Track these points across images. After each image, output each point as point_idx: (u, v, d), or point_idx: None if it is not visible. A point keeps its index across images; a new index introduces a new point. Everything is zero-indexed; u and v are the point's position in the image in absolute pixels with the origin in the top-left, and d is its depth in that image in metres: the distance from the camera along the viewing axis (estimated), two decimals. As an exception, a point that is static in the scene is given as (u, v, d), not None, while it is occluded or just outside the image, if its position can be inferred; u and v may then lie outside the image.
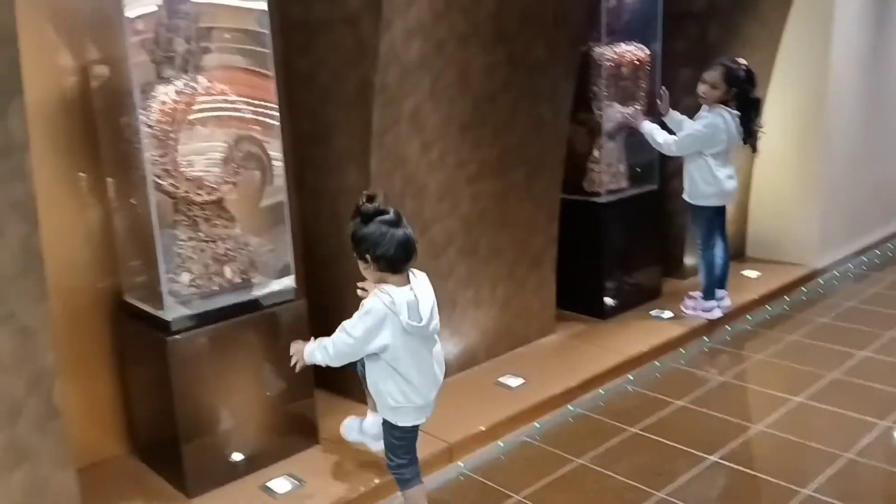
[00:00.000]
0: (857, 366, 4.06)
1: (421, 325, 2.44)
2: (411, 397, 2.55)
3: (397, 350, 2.48)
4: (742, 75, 4.17)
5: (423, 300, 2.47)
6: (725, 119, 4.19)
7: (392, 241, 2.41)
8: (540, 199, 4.02)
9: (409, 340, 2.47)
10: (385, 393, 2.56)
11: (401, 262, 2.45)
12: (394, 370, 2.52)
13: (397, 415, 2.59)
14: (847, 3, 5.24)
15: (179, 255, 2.91)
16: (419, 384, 2.55)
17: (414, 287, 2.49)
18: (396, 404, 2.56)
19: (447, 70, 3.37)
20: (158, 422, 2.98)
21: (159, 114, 2.71)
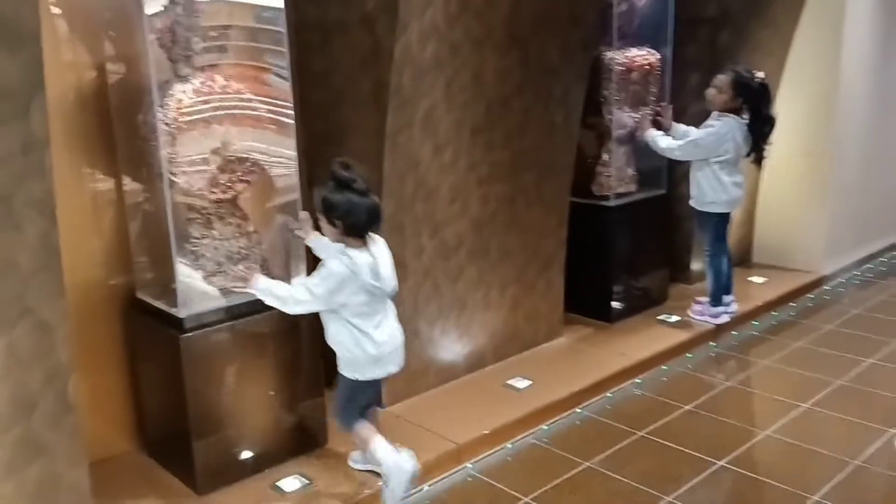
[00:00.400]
0: (863, 373, 4.07)
1: (379, 284, 2.68)
2: (368, 349, 2.77)
3: (357, 307, 2.71)
4: (753, 85, 4.15)
5: (381, 262, 2.70)
6: (731, 128, 4.18)
7: (362, 210, 2.64)
8: (550, 202, 4.03)
9: (368, 299, 2.71)
10: (343, 346, 2.79)
11: (367, 229, 2.70)
12: (352, 326, 2.74)
13: (354, 368, 2.81)
14: (857, 9, 5.24)
15: (193, 253, 2.92)
16: (377, 338, 2.77)
17: (372, 249, 2.70)
18: (352, 356, 2.78)
19: (461, 73, 3.39)
20: (169, 419, 3.00)
21: (176, 111, 2.72)
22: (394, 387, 3.58)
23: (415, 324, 3.60)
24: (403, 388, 3.63)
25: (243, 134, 2.90)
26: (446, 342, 3.76)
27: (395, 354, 2.88)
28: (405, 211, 3.40)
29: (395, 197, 3.33)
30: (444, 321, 3.72)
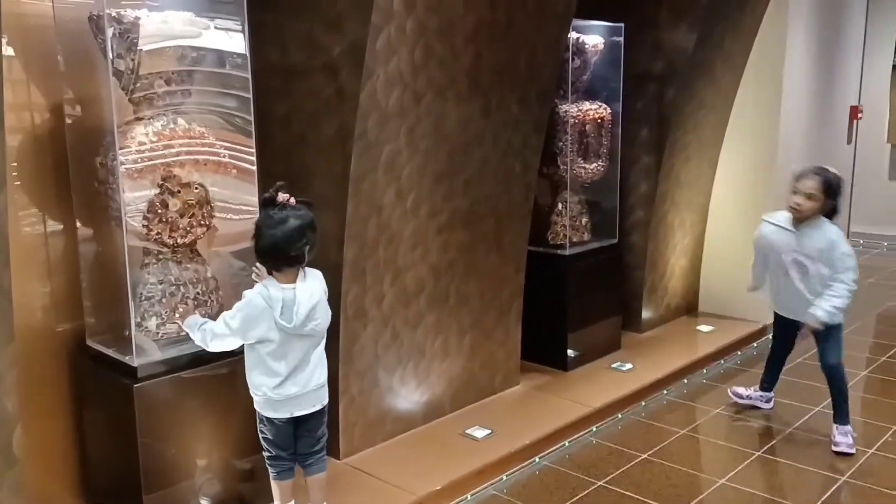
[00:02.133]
0: (810, 420, 4.16)
1: (290, 325, 2.58)
2: (274, 391, 2.66)
3: (272, 344, 2.61)
4: (839, 186, 3.77)
5: (301, 300, 2.59)
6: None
7: (266, 239, 2.55)
8: (508, 250, 4.06)
9: (284, 336, 2.61)
10: (253, 383, 2.71)
11: (274, 262, 2.60)
12: (263, 362, 2.64)
13: (263, 406, 2.72)
14: (795, 71, 5.52)
15: (149, 299, 2.83)
16: (286, 380, 2.65)
17: (297, 286, 2.61)
18: (261, 396, 2.69)
19: (424, 120, 3.42)
20: (119, 471, 2.85)
21: (136, 154, 2.66)
22: (350, 437, 3.50)
23: (374, 372, 3.55)
24: (360, 439, 3.55)
25: (205, 178, 2.85)
26: (405, 391, 3.71)
27: (303, 398, 2.70)
28: (367, 256, 3.37)
29: (357, 241, 3.31)
30: (403, 370, 3.68)
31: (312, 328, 2.63)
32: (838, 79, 6.17)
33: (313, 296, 2.63)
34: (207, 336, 2.67)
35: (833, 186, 3.72)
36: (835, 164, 6.28)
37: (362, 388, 3.51)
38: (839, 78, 6.18)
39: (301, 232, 2.56)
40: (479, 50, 3.53)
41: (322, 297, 2.69)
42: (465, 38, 3.45)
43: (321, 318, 2.66)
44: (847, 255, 3.66)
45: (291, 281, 2.62)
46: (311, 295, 2.63)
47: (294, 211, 2.57)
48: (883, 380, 4.82)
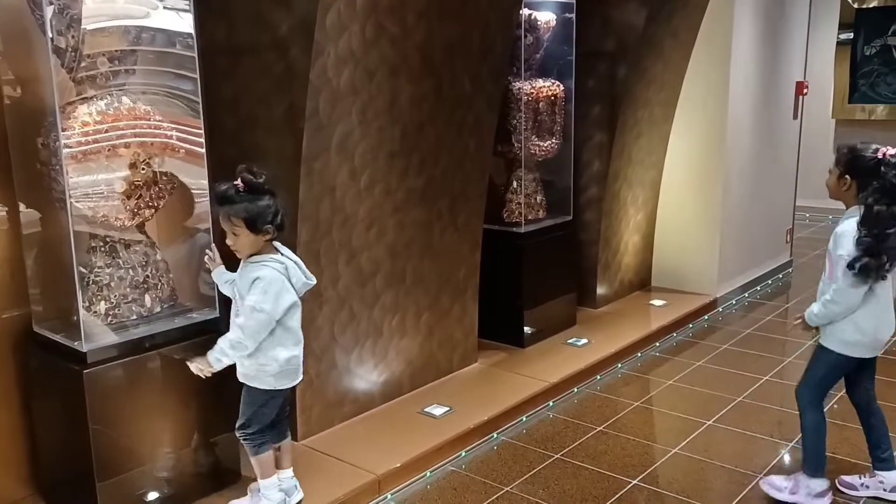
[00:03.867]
0: (758, 389, 4.28)
1: (311, 281, 2.74)
2: (291, 362, 2.75)
3: (298, 309, 2.73)
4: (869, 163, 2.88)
5: (297, 262, 2.73)
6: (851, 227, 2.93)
7: (280, 212, 2.65)
8: (463, 229, 4.06)
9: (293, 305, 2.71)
10: (277, 360, 2.72)
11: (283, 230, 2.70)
12: (288, 332, 2.72)
13: (276, 379, 2.75)
14: (743, 45, 5.60)
15: (96, 283, 2.77)
16: (301, 343, 2.80)
17: (284, 252, 2.73)
18: (275, 370, 2.72)
19: (377, 98, 3.39)
20: (71, 460, 2.80)
21: (80, 134, 2.59)
22: (308, 419, 3.49)
23: (331, 353, 3.53)
24: (319, 421, 3.54)
25: (152, 158, 2.79)
26: (362, 371, 3.71)
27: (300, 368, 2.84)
28: (322, 237, 3.34)
29: (311, 223, 3.28)
30: (361, 349, 3.67)
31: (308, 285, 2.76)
32: (784, 55, 6.28)
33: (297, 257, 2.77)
34: (242, 341, 2.63)
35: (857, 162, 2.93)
36: (781, 139, 6.46)
37: (320, 370, 3.49)
38: (785, 54, 6.29)
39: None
40: (431, 26, 3.51)
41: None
42: (417, 15, 3.42)
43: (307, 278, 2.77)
44: (842, 259, 2.89)
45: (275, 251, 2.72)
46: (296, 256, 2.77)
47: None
48: (828, 348, 4.97)
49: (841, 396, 4.13)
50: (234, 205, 2.60)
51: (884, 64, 8.63)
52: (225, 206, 2.61)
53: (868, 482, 3.19)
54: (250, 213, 2.59)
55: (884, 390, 4.22)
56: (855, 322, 2.95)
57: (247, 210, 2.59)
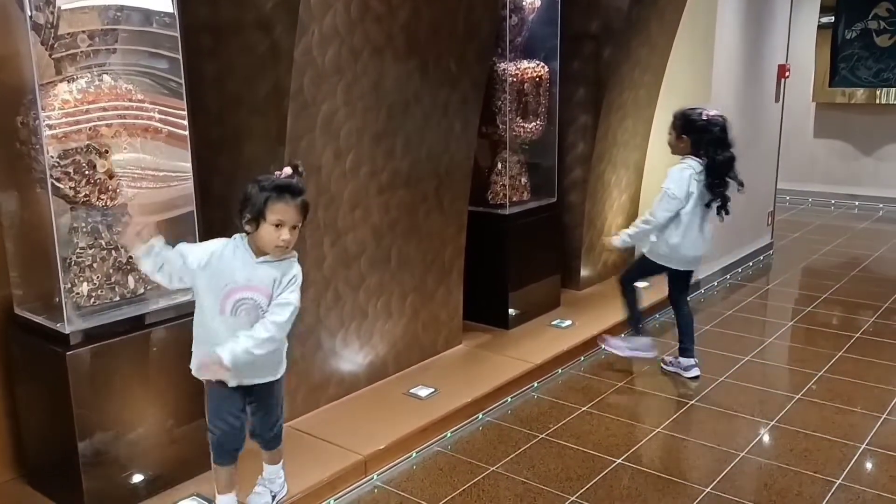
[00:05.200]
0: (740, 369, 4.33)
1: None
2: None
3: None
4: (696, 123, 3.86)
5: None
6: (693, 168, 3.89)
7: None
8: (449, 210, 4.05)
9: None
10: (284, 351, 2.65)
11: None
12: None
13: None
14: (726, 27, 5.61)
15: (78, 265, 2.73)
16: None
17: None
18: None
19: (362, 78, 3.36)
20: (54, 443, 2.78)
21: (60, 113, 2.55)
22: (293, 401, 3.48)
23: (316, 335, 3.52)
24: (304, 402, 3.54)
25: (134, 138, 2.75)
26: (348, 352, 3.70)
27: None
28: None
29: (295, 204, 3.25)
30: (346, 331, 3.66)
31: None
32: (767, 38, 6.30)
33: None
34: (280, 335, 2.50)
35: (684, 121, 3.91)
36: (763, 122, 6.49)
37: (304, 352, 3.48)
38: (768, 37, 6.31)
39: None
40: (416, 5, 3.47)
41: None
42: (402, -6, 3.39)
43: None
44: (664, 190, 3.88)
45: None
46: None
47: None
48: (808, 329, 5.04)
49: (820, 377, 4.20)
50: (305, 195, 2.47)
51: (864, 48, 8.68)
52: (301, 197, 2.45)
53: (673, 361, 4.27)
54: (306, 207, 2.48)
55: (863, 369, 4.31)
56: (666, 240, 3.96)
57: (305, 204, 2.47)
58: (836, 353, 4.53)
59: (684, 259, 4.04)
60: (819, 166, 9.13)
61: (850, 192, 9.04)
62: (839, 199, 9.09)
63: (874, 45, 8.61)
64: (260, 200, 2.40)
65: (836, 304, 5.51)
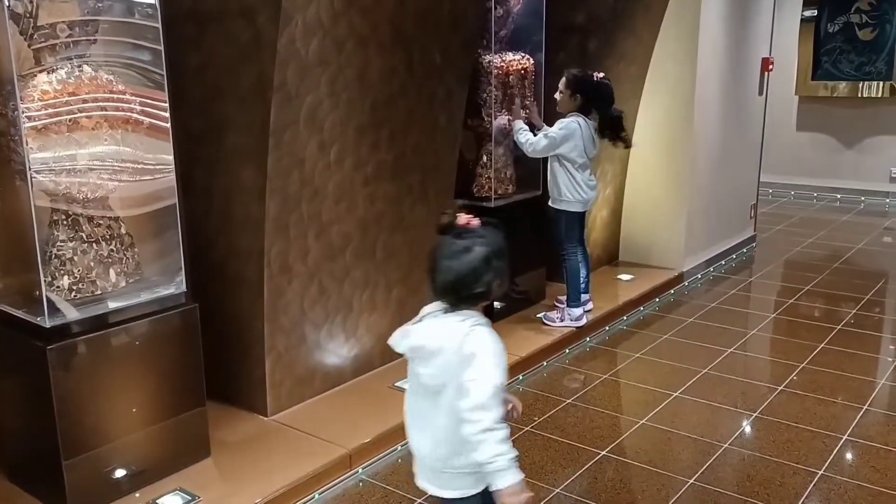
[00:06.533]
0: (723, 361, 4.36)
1: (393, 340, 2.12)
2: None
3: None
4: (588, 82, 4.35)
5: (418, 332, 2.05)
6: (581, 126, 4.34)
7: (446, 273, 1.99)
8: (434, 203, 4.04)
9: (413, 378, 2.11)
10: None
11: (455, 299, 2.01)
12: None
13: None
14: (711, 20, 5.62)
15: (59, 258, 2.70)
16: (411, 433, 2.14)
17: (431, 321, 2.06)
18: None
19: (346, 70, 3.33)
20: (35, 437, 2.75)
21: (40, 104, 2.51)
22: (278, 394, 3.47)
23: (301, 328, 3.51)
24: (289, 396, 3.52)
25: (115, 129, 2.72)
26: (333, 346, 3.69)
27: (419, 464, 2.17)
28: (291, 210, 3.30)
29: (280, 196, 3.23)
30: (331, 324, 3.65)
31: (420, 374, 2.03)
32: (751, 31, 6.32)
33: (426, 338, 2.00)
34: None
35: (575, 81, 4.31)
36: (747, 115, 6.52)
37: (289, 345, 3.47)
38: (751, 30, 6.33)
39: (487, 263, 1.96)
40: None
41: (449, 357, 1.95)
42: (387, -15, 3.37)
43: (432, 373, 1.99)
44: (546, 134, 4.34)
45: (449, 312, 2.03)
46: (426, 337, 2.01)
47: (477, 237, 1.98)
48: (790, 321, 5.08)
49: (802, 369, 4.23)
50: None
51: (846, 41, 8.74)
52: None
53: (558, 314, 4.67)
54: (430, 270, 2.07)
55: (845, 361, 4.35)
56: (575, 190, 4.46)
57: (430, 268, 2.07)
58: (818, 344, 4.57)
59: (584, 201, 4.54)
60: (802, 159, 9.19)
61: (832, 184, 9.11)
62: (821, 191, 9.16)
63: (856, 39, 8.67)
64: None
65: (818, 297, 5.55)
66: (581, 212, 4.61)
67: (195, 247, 3.31)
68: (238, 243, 3.35)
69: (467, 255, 1.96)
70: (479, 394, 1.88)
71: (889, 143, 8.76)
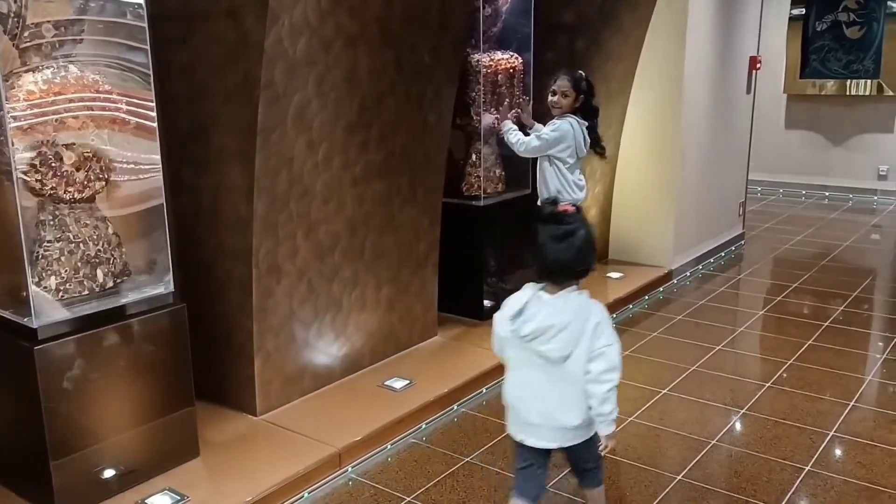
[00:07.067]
0: (712, 358, 4.38)
1: (511, 328, 2.29)
2: (512, 410, 2.43)
3: (509, 359, 2.42)
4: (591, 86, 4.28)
5: (540, 313, 2.25)
6: (573, 127, 4.22)
7: (555, 254, 2.28)
8: (423, 202, 4.05)
9: (517, 351, 2.34)
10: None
11: (558, 277, 2.31)
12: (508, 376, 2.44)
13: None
14: (698, 19, 5.65)
15: (46, 258, 2.69)
16: (519, 402, 2.39)
17: (551, 299, 2.28)
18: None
19: (334, 70, 3.33)
20: (22, 438, 2.74)
21: (26, 104, 2.50)
22: (267, 394, 3.47)
23: (290, 328, 3.51)
24: (278, 395, 3.52)
25: (102, 129, 2.71)
26: (322, 345, 3.69)
27: (538, 429, 2.42)
28: (279, 210, 3.30)
29: (268, 195, 3.23)
30: (320, 323, 3.65)
31: (542, 351, 2.26)
32: (738, 30, 6.35)
33: (554, 316, 2.23)
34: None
35: (581, 83, 4.19)
36: (735, 113, 6.55)
37: (278, 344, 3.47)
38: (739, 29, 6.36)
39: (590, 242, 2.28)
40: (389, -4, 3.46)
41: (575, 329, 2.23)
42: (375, -16, 3.37)
43: (558, 346, 2.24)
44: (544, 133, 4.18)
45: (557, 293, 2.29)
46: (552, 315, 2.24)
47: (578, 222, 2.28)
48: (778, 318, 5.11)
49: (790, 366, 4.26)
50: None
51: (834, 39, 8.79)
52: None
53: None
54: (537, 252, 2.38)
55: (832, 357, 4.38)
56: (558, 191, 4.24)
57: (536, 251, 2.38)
58: (806, 341, 4.60)
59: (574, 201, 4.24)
60: (790, 157, 9.24)
61: (820, 182, 9.17)
62: (810, 189, 9.21)
63: (844, 37, 8.72)
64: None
65: (807, 294, 5.59)
66: None
67: (183, 247, 3.31)
68: (226, 243, 3.35)
69: (575, 237, 2.27)
70: (612, 357, 2.25)
71: (876, 141, 8.82)
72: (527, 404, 2.37)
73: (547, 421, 2.35)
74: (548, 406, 2.34)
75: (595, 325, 2.26)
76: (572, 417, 2.33)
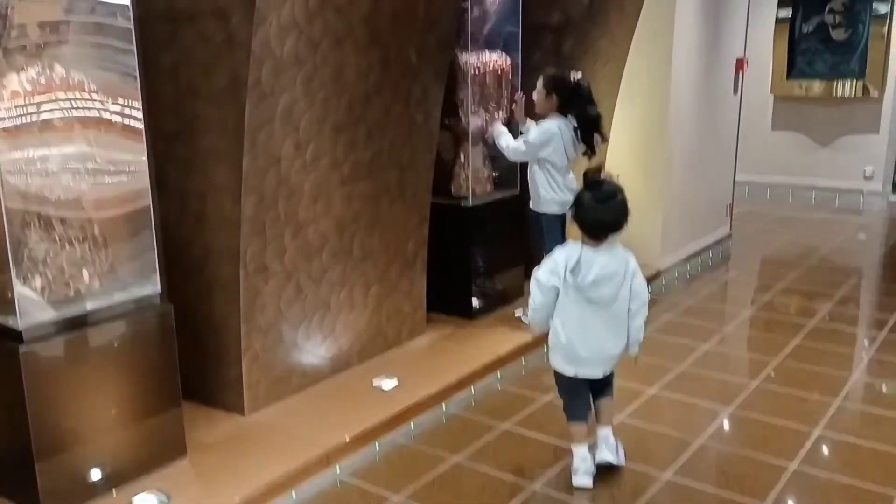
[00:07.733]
0: (700, 358, 4.40)
1: (576, 279, 2.88)
2: (563, 346, 3.02)
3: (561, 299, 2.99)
4: (567, 84, 4.25)
5: (597, 262, 2.88)
6: (560, 129, 4.23)
7: (596, 213, 2.92)
8: (411, 202, 4.05)
9: (571, 294, 2.95)
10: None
11: (599, 232, 2.93)
12: (556, 317, 3.01)
13: (553, 353, 3.07)
14: (685, 20, 5.68)
15: (31, 259, 2.67)
16: (573, 338, 2.97)
17: (601, 250, 2.91)
18: (553, 344, 3.05)
19: (321, 69, 3.33)
20: (7, 439, 2.72)
21: (11, 104, 2.48)
22: (255, 394, 3.47)
23: (278, 328, 3.50)
24: (266, 395, 3.51)
25: (87, 130, 2.70)
26: (310, 345, 3.68)
27: (591, 362, 3.07)
28: (267, 210, 3.29)
29: (255, 195, 3.22)
30: (308, 323, 3.64)
31: (599, 295, 2.90)
32: (725, 31, 6.38)
33: (608, 266, 2.89)
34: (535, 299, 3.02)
35: (553, 82, 4.24)
36: (722, 114, 6.59)
37: (266, 345, 3.46)
38: (726, 30, 6.39)
39: (627, 203, 2.93)
40: (377, -4, 3.46)
41: (621, 274, 2.93)
42: (362, -16, 3.37)
43: (610, 290, 2.91)
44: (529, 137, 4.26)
45: (598, 247, 2.91)
46: (607, 266, 2.89)
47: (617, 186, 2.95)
48: (765, 318, 5.14)
49: (777, 365, 4.29)
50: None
51: (820, 41, 8.84)
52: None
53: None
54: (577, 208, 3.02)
55: (819, 356, 4.40)
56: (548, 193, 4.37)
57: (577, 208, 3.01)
58: (793, 340, 4.63)
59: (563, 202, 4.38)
60: (777, 158, 9.28)
61: (807, 183, 9.21)
62: (797, 190, 9.26)
63: (830, 39, 8.78)
64: None
65: (794, 293, 5.62)
66: (561, 214, 4.53)
67: (170, 247, 3.30)
68: (214, 243, 3.34)
69: (618, 199, 2.91)
70: (646, 293, 3.05)
71: (862, 142, 8.88)
72: (580, 342, 2.96)
73: (596, 354, 2.99)
74: (599, 341, 2.97)
75: (633, 271, 2.96)
76: (617, 347, 3.02)
